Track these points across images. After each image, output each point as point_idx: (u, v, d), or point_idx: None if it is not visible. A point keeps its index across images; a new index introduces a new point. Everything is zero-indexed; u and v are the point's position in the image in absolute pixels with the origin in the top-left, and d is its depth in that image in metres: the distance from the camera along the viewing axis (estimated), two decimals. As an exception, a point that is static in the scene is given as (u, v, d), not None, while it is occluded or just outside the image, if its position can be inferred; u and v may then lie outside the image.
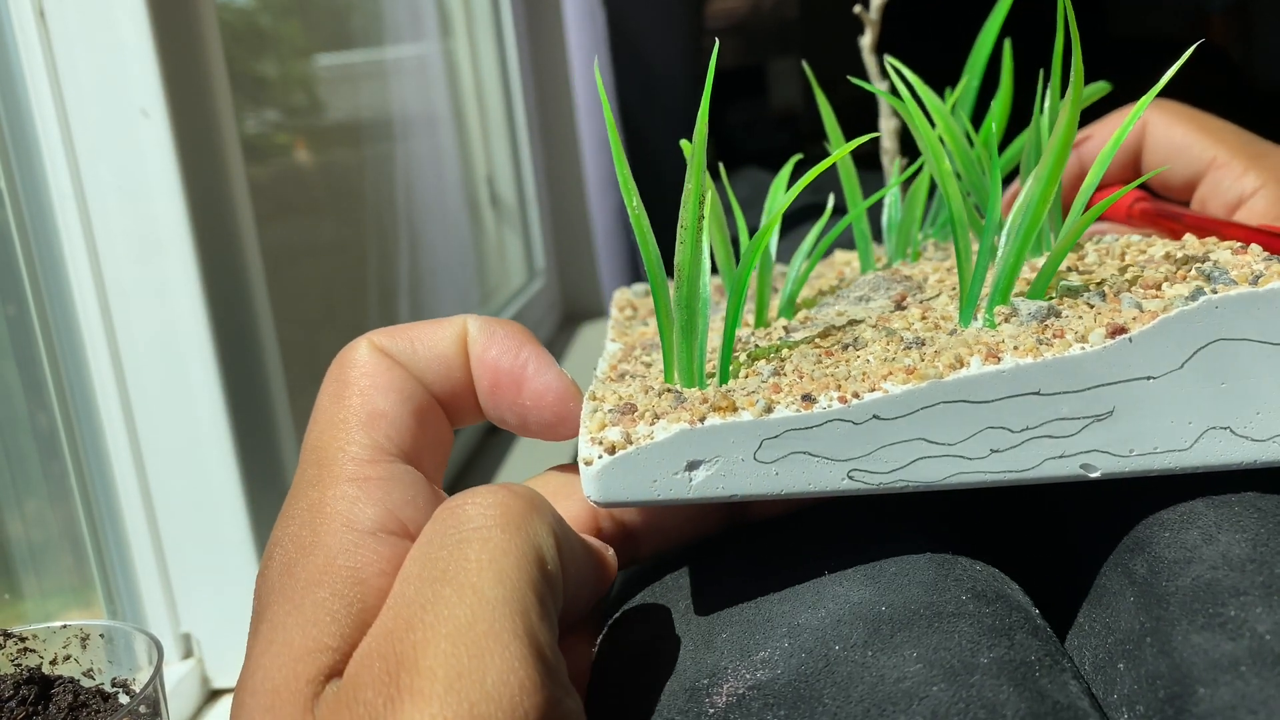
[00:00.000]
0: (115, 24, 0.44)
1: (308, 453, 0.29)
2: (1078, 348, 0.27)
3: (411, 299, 0.85)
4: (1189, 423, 0.28)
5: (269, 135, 0.69)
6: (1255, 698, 0.23)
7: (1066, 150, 0.31)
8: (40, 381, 0.46)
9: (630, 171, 0.31)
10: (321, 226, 0.74)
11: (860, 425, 0.27)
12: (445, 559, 0.24)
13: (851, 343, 0.31)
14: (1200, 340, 0.27)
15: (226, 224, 0.49)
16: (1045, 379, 0.27)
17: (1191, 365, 0.28)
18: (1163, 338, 0.27)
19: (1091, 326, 0.28)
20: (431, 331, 0.31)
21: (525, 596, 0.24)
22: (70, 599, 0.48)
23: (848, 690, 0.25)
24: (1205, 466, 0.28)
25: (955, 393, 0.27)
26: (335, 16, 0.82)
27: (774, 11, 1.37)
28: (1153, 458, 0.28)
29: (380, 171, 0.83)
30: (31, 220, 0.45)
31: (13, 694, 0.32)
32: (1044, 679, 0.24)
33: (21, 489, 0.46)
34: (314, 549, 0.26)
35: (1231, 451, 0.28)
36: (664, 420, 0.28)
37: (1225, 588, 0.25)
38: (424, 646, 0.22)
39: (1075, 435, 0.28)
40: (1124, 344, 0.27)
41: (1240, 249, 0.31)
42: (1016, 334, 0.29)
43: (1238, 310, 0.27)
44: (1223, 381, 0.28)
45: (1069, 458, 0.28)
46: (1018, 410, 0.28)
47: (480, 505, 0.25)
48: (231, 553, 0.49)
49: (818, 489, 0.28)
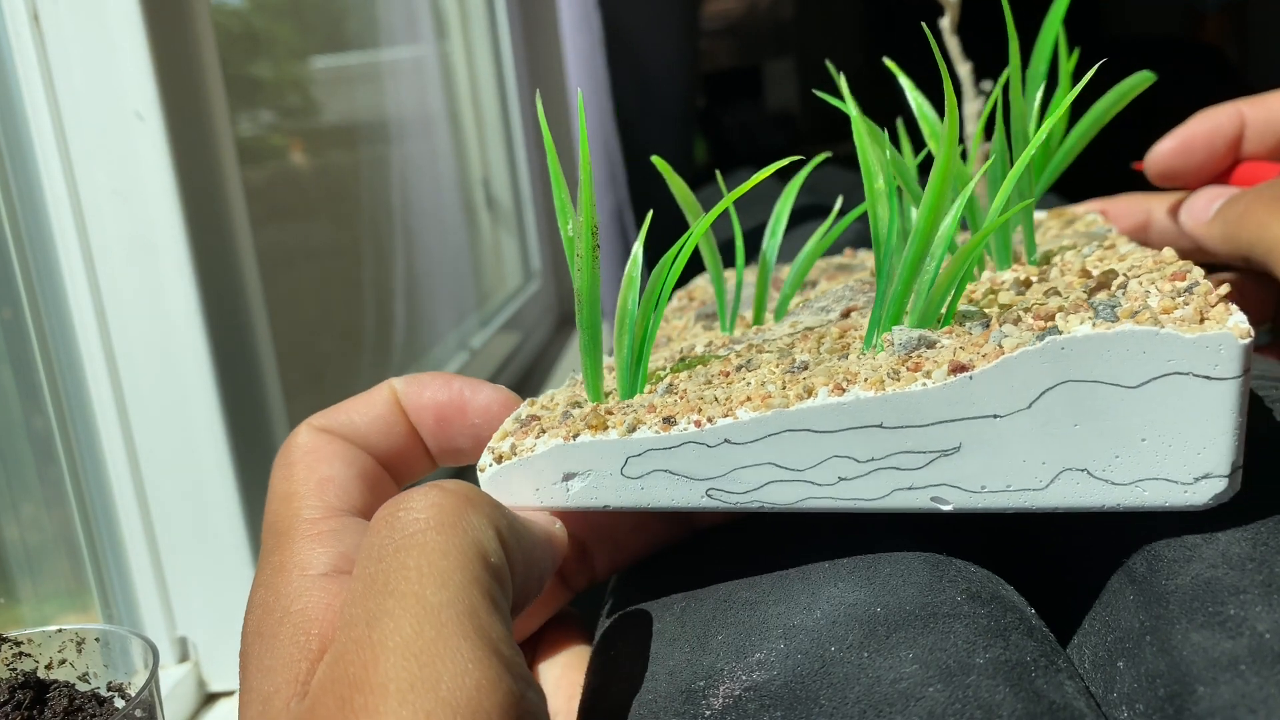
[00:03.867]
0: (109, 27, 0.44)
1: (265, 531, 0.30)
2: (919, 384, 0.27)
3: (407, 302, 0.85)
4: (1042, 463, 0.27)
5: (264, 138, 0.69)
6: (1255, 696, 0.23)
7: (947, 179, 0.30)
8: (36, 385, 0.46)
9: (568, 197, 0.32)
10: (317, 229, 0.74)
11: (714, 448, 0.29)
12: (385, 571, 0.24)
13: (746, 363, 0.32)
14: (1047, 381, 0.26)
15: (221, 227, 0.49)
16: (886, 413, 0.27)
17: (1040, 405, 0.26)
18: (1005, 377, 0.26)
19: (980, 356, 0.27)
20: (365, 400, 0.33)
21: (470, 595, 0.23)
22: (66, 603, 0.48)
23: (844, 692, 0.25)
24: (1064, 508, 0.27)
25: (799, 422, 0.28)
26: (330, 18, 0.82)
27: (769, 13, 1.37)
28: (1007, 495, 0.27)
29: (376, 174, 0.83)
30: (26, 224, 0.45)
31: (8, 698, 0.31)
32: (1040, 679, 0.24)
33: (17, 493, 0.46)
34: (274, 605, 0.27)
35: (1091, 494, 0.27)
36: (548, 435, 0.30)
37: (1225, 586, 0.25)
38: (374, 664, 0.22)
39: (923, 469, 0.28)
40: (965, 382, 0.27)
41: (1179, 273, 0.29)
42: (881, 364, 0.28)
43: (1086, 352, 0.26)
44: (1075, 423, 0.26)
45: (918, 490, 0.28)
46: (862, 441, 0.28)
47: (413, 510, 0.25)
48: (227, 556, 0.49)
49: (680, 505, 0.29)
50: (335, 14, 0.82)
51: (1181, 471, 0.26)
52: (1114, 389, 0.26)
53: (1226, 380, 0.25)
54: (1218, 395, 0.25)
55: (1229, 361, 0.25)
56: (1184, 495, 0.26)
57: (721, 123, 1.40)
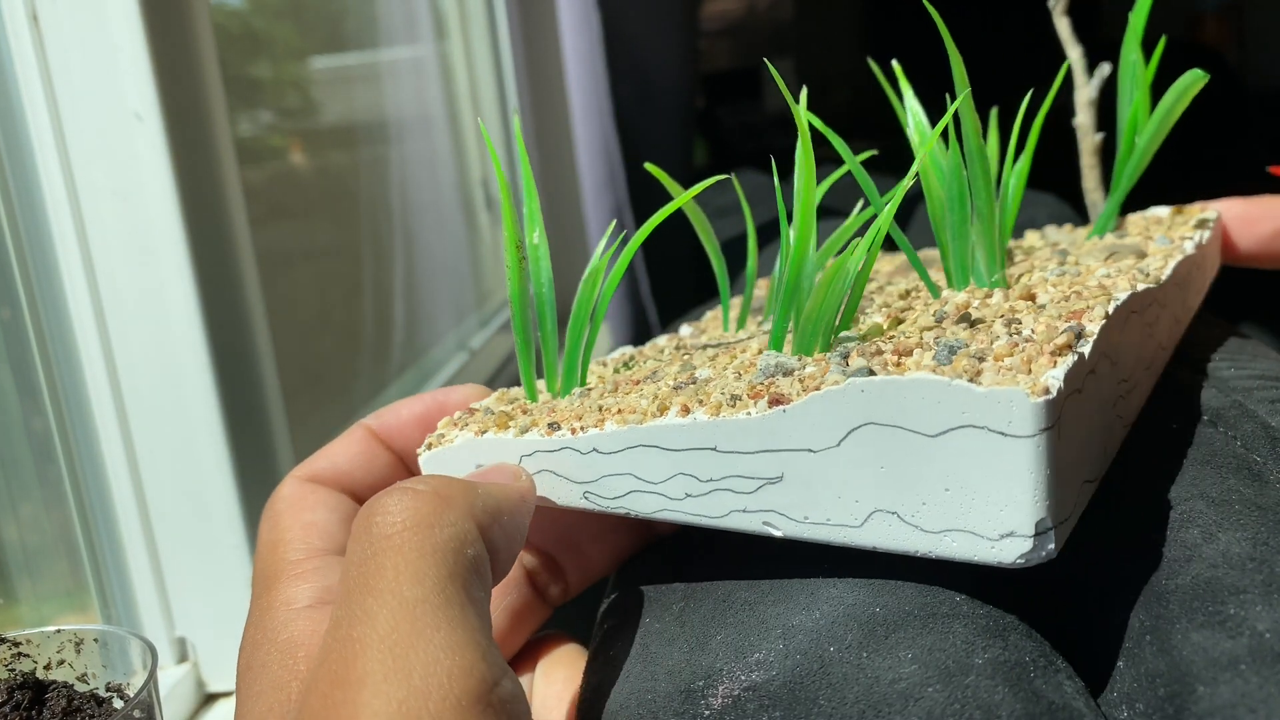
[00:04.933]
0: (108, 27, 0.44)
1: (255, 578, 0.31)
2: (745, 413, 0.28)
3: (406, 302, 0.85)
4: (856, 501, 0.27)
5: (263, 138, 0.69)
6: (1255, 696, 0.23)
7: (811, 207, 0.30)
8: (35, 385, 0.46)
9: (538, 206, 0.34)
10: (316, 229, 0.74)
11: (585, 455, 0.30)
12: (365, 573, 0.25)
13: (651, 375, 0.34)
14: (852, 421, 0.26)
15: (220, 227, 0.49)
16: (719, 438, 0.28)
17: (848, 445, 0.26)
18: (815, 414, 0.27)
19: (800, 390, 0.27)
20: (341, 442, 0.35)
21: (446, 589, 0.24)
22: (65, 603, 0.48)
23: (843, 692, 0.25)
24: (881, 548, 0.27)
25: (650, 438, 0.29)
26: (329, 19, 0.82)
27: (769, 13, 1.37)
28: (828, 529, 0.28)
29: (375, 174, 0.83)
30: (25, 224, 0.45)
31: (6, 699, 0.31)
32: (1039, 679, 0.24)
33: (16, 493, 0.46)
34: (261, 639, 0.29)
35: (903, 538, 0.26)
36: (467, 429, 0.33)
37: (1225, 586, 0.25)
38: (353, 660, 0.23)
39: (754, 494, 0.28)
40: (780, 415, 0.27)
41: (1075, 312, 0.28)
42: (728, 389, 0.29)
43: (884, 396, 0.26)
44: (881, 465, 0.26)
45: (751, 513, 0.29)
46: (701, 462, 0.29)
47: (389, 514, 0.26)
48: (226, 556, 0.49)
49: (564, 503, 0.31)
50: (335, 14, 0.82)
51: (986, 526, 0.25)
52: (915, 435, 0.25)
53: (1021, 438, 0.24)
54: (1015, 452, 0.24)
55: (1022, 419, 0.24)
56: (990, 551, 0.25)
57: (721, 123, 1.40)
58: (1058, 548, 0.25)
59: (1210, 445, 0.31)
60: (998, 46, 0.36)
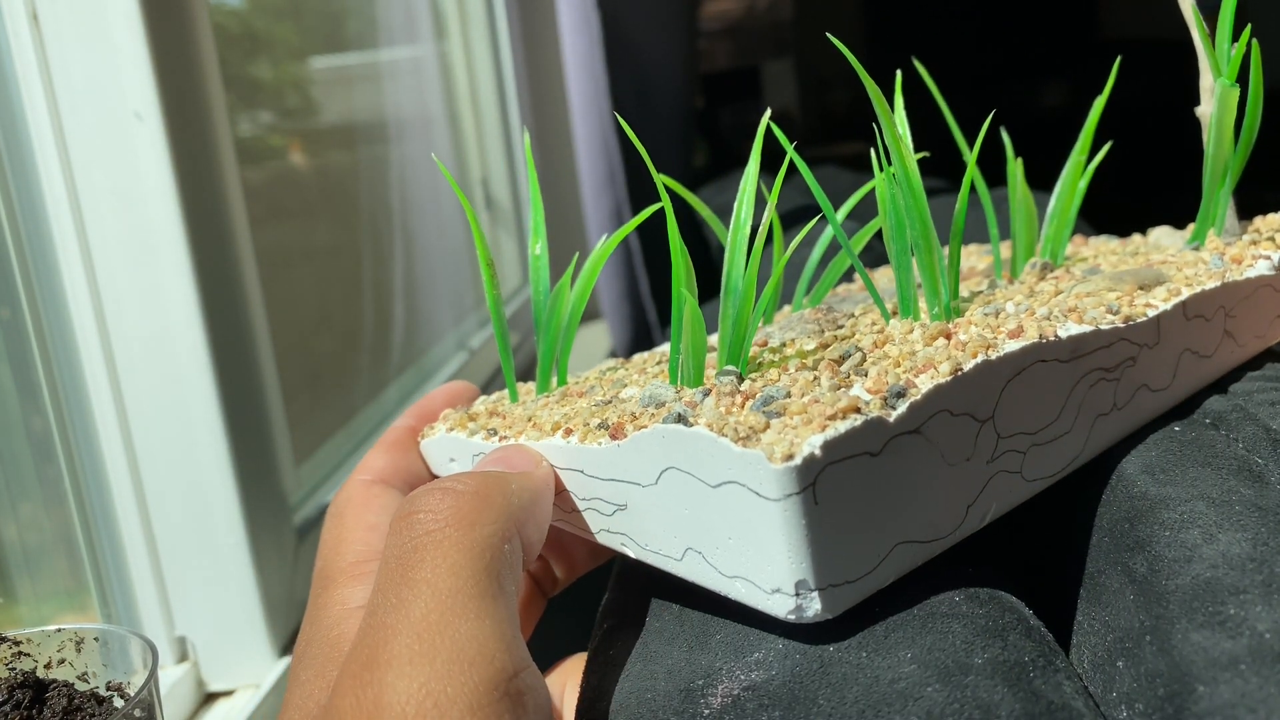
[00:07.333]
0: (109, 27, 0.44)
1: (315, 577, 0.33)
2: (598, 443, 0.29)
3: (406, 302, 0.85)
4: (674, 536, 0.28)
5: (263, 138, 0.69)
6: (1255, 696, 0.23)
7: (741, 230, 0.30)
8: (35, 385, 0.46)
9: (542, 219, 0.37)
10: (316, 229, 0.74)
11: None
12: (405, 566, 0.26)
13: (591, 388, 0.36)
14: (660, 464, 0.27)
15: (221, 227, 0.49)
16: (583, 461, 0.30)
17: (662, 483, 0.28)
18: (635, 451, 0.28)
19: (633, 428, 0.29)
20: (387, 437, 0.37)
21: (481, 581, 0.26)
22: (65, 602, 0.48)
23: (842, 691, 0.25)
24: (695, 582, 0.28)
25: (545, 452, 0.31)
26: (329, 19, 0.82)
27: (768, 13, 1.37)
28: (660, 558, 0.29)
29: (375, 174, 0.83)
30: (25, 224, 0.45)
31: (7, 698, 0.31)
32: (1038, 679, 0.24)
33: (16, 492, 0.46)
34: (314, 635, 0.30)
35: (708, 577, 0.27)
36: (449, 423, 0.36)
37: (1225, 586, 0.25)
38: (384, 644, 0.25)
39: (611, 516, 0.30)
40: (615, 448, 0.29)
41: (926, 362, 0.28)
42: (641, 412, 0.30)
43: (680, 444, 0.26)
44: (685, 508, 0.27)
45: (613, 534, 0.30)
46: (575, 482, 0.31)
47: (430, 511, 0.27)
48: (226, 556, 0.49)
49: None
50: (335, 14, 0.82)
51: (760, 578, 0.26)
52: (701, 484, 0.26)
53: (772, 501, 0.24)
54: (769, 513, 0.25)
55: (769, 482, 0.24)
56: (767, 602, 0.26)
57: (720, 123, 1.40)
58: (830, 609, 0.25)
59: (1211, 447, 0.31)
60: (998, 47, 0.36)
